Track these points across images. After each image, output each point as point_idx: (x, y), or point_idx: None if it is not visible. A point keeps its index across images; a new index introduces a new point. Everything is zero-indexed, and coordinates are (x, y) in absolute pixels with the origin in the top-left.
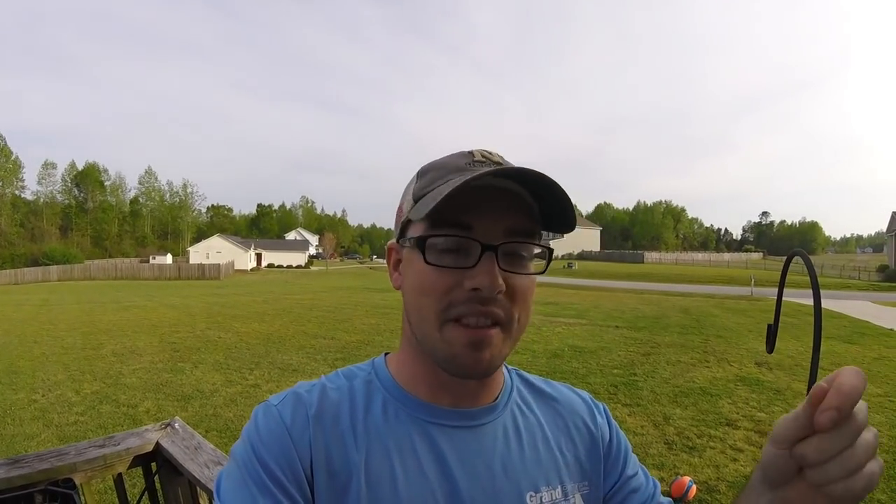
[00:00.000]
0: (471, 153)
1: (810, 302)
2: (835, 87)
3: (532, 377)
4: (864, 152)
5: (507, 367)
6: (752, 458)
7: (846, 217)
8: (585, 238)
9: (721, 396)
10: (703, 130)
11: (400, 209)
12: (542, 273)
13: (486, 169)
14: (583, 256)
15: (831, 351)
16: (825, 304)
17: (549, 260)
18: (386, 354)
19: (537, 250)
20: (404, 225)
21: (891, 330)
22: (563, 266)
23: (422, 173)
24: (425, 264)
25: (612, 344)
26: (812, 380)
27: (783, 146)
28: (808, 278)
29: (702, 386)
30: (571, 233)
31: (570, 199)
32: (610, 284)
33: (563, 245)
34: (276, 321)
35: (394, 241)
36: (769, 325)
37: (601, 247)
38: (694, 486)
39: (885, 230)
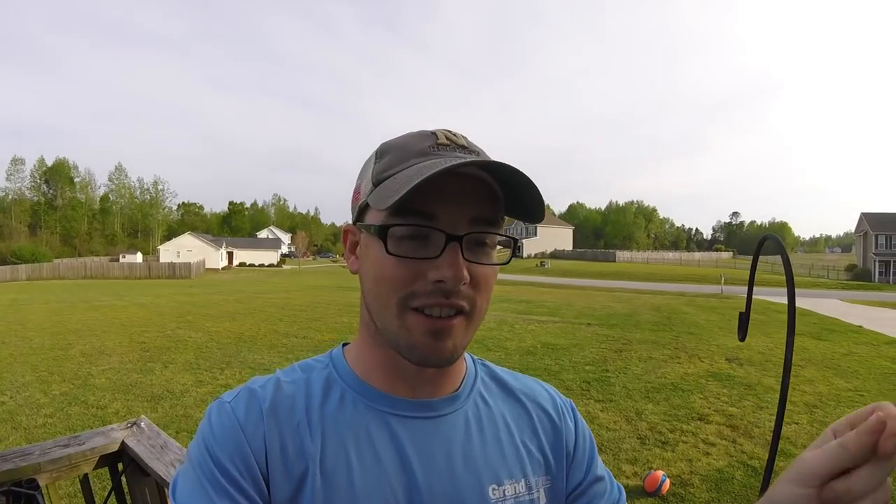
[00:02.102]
0: (433, 134)
1: (781, 300)
2: (805, 89)
3: (497, 368)
4: (834, 154)
5: (471, 357)
6: (725, 451)
7: (815, 218)
8: (558, 237)
9: (693, 392)
10: (675, 132)
11: (357, 191)
12: (505, 264)
13: (454, 162)
14: (556, 255)
15: (802, 347)
16: (796, 301)
17: (514, 249)
18: (344, 345)
19: (501, 239)
20: (362, 208)
21: (859, 327)
22: (537, 265)
23: (381, 153)
24: (386, 254)
25: (585, 341)
26: (787, 367)
27: (754, 148)
28: (780, 277)
29: (673, 381)
30: (545, 232)
31: (536, 187)
32: (582, 283)
33: (536, 244)
34: (247, 320)
35: (350, 223)
36: (741, 313)
37: (574, 246)
38: (667, 481)
39: (853, 231)
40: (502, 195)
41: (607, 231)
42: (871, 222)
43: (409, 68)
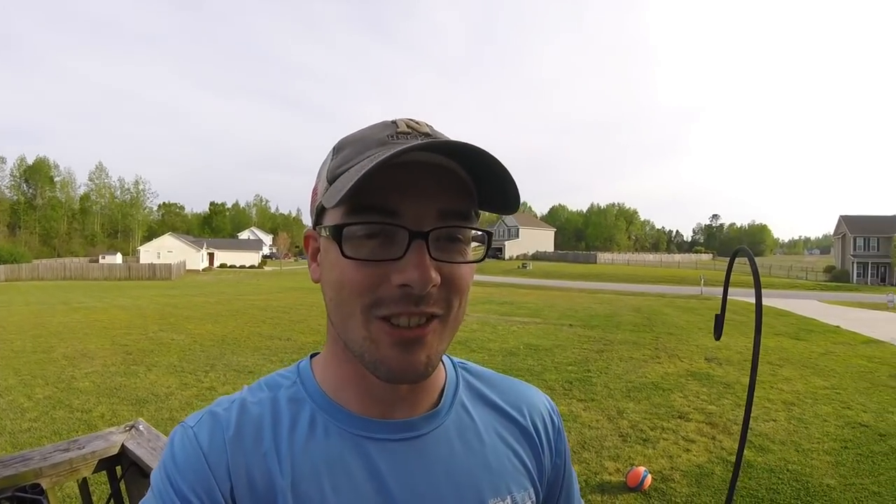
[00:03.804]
0: (394, 123)
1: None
2: (786, 94)
3: (482, 370)
4: (815, 158)
5: (450, 360)
6: (704, 448)
7: (794, 220)
8: (540, 239)
9: (673, 391)
10: (657, 135)
11: (314, 191)
12: (480, 261)
13: (412, 143)
14: (537, 257)
15: (780, 346)
16: (775, 302)
17: (489, 245)
18: (312, 356)
19: (475, 234)
20: (320, 210)
21: (837, 327)
22: (518, 266)
23: (338, 149)
24: (343, 257)
25: (567, 342)
26: (753, 369)
27: (736, 150)
28: (762, 280)
29: (654, 381)
30: (527, 234)
31: (510, 175)
32: (564, 284)
33: (518, 246)
34: (229, 322)
35: (311, 228)
36: (717, 315)
37: (555, 247)
38: (649, 476)
39: (832, 233)
40: (474, 186)
41: (588, 233)
42: (850, 225)
43: (393, 69)
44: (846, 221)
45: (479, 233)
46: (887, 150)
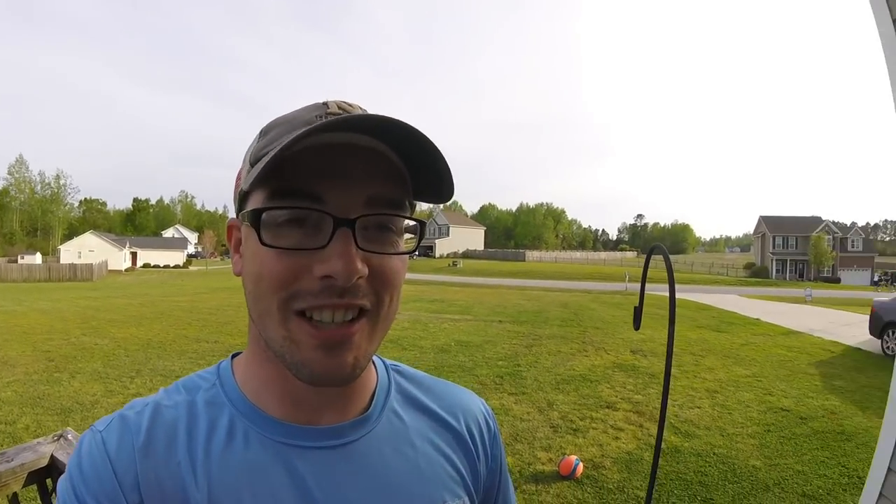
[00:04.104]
0: (325, 104)
1: (681, 296)
2: (709, 100)
3: (416, 373)
4: (735, 161)
5: (382, 363)
6: (633, 435)
7: (716, 220)
8: (470, 237)
9: (600, 382)
10: (586, 137)
11: (238, 176)
12: (412, 253)
13: (336, 118)
14: (468, 255)
15: (702, 338)
16: (698, 297)
17: (422, 236)
18: (234, 356)
19: (408, 224)
20: (242, 196)
21: (757, 319)
22: (449, 265)
23: (265, 131)
24: (261, 245)
25: (497, 338)
26: (668, 360)
27: (660, 153)
28: (683, 275)
29: (582, 373)
30: (458, 233)
31: (443, 157)
32: (493, 282)
33: (448, 244)
34: (154, 325)
35: (234, 217)
36: (635, 308)
37: (485, 246)
38: (581, 464)
39: (752, 232)
40: (407, 174)
41: (518, 231)
42: (769, 224)
43: (330, 64)
44: (766, 221)
45: (412, 223)
46: (804, 154)
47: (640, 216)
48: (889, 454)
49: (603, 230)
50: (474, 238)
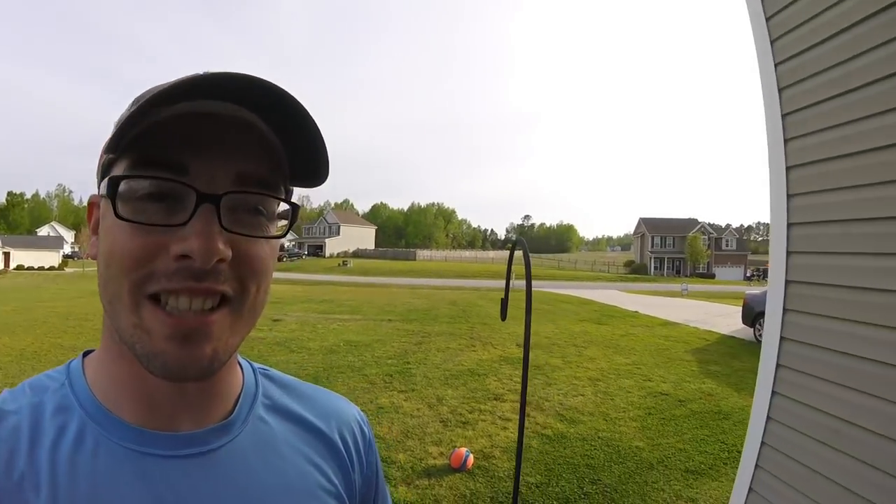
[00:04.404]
0: (202, 75)
1: (565, 291)
2: (594, 106)
3: (287, 379)
4: (619, 165)
5: (250, 366)
6: None
7: (599, 221)
8: (361, 236)
9: (488, 375)
10: (478, 139)
11: (104, 147)
12: (282, 237)
13: (205, 76)
14: (358, 254)
15: (585, 331)
16: (580, 293)
17: (294, 220)
18: (86, 354)
19: (281, 207)
20: (105, 167)
21: (636, 312)
22: (339, 264)
23: (137, 100)
24: (116, 219)
25: (386, 336)
26: (526, 346)
27: (548, 157)
28: (565, 272)
29: (470, 368)
30: (348, 232)
31: (323, 139)
32: (384, 281)
33: (338, 243)
34: (27, 334)
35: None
36: (502, 299)
37: (376, 245)
38: (471, 456)
39: (632, 232)
40: (283, 153)
41: (409, 231)
42: (648, 225)
43: (226, 52)
44: (645, 223)
45: (285, 209)
46: (684, 160)
47: (527, 217)
48: (761, 429)
49: (492, 230)
50: (365, 237)
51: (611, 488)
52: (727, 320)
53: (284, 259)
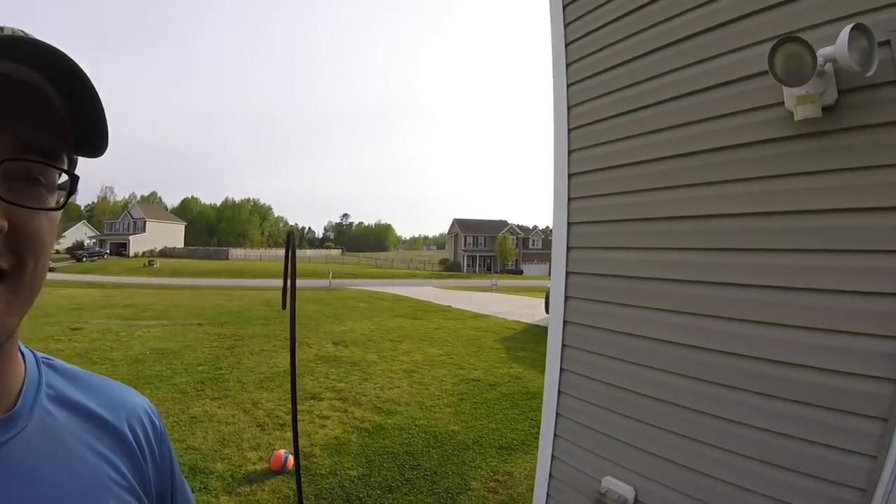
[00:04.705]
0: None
1: (381, 289)
2: (418, 118)
3: (73, 369)
4: (432, 172)
5: (33, 355)
6: (339, 421)
7: (415, 220)
8: (169, 234)
9: (304, 375)
10: (299, 135)
11: None
12: (60, 209)
13: None
14: (166, 254)
15: (400, 326)
16: (396, 290)
17: (73, 192)
18: None
19: (62, 178)
20: None
21: (448, 306)
22: (144, 265)
23: None
24: None
25: (197, 342)
26: (293, 335)
27: (369, 157)
28: (382, 270)
29: (285, 369)
30: (155, 228)
31: (104, 108)
32: (194, 282)
33: (143, 241)
34: None
35: None
36: (282, 289)
37: (186, 243)
38: (290, 457)
39: (447, 232)
40: (69, 123)
41: (222, 228)
42: (462, 226)
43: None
44: (459, 223)
45: (64, 180)
46: (494, 165)
47: (345, 215)
48: (555, 402)
49: (309, 228)
50: (174, 234)
51: (431, 471)
52: (532, 311)
53: (84, 259)
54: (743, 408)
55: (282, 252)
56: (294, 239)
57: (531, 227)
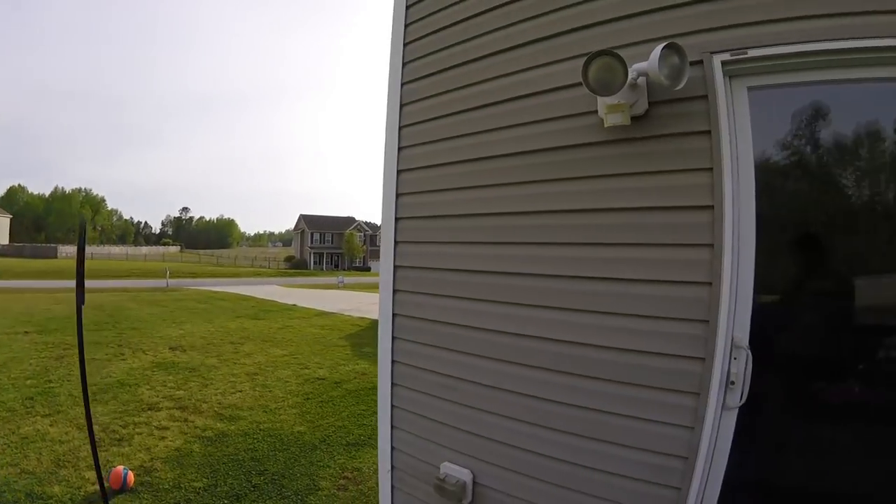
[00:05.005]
0: None
1: (223, 289)
2: (267, 109)
3: None
4: (279, 165)
5: None
6: (179, 431)
7: (261, 216)
8: None
9: (140, 385)
10: (137, 119)
11: None
12: None
13: None
14: None
15: (242, 327)
16: (239, 290)
17: None
18: None
19: None
20: None
21: (293, 305)
22: None
23: None
24: None
25: (23, 353)
26: (79, 329)
27: (210, 148)
28: (224, 269)
29: (120, 379)
30: None
31: None
32: (20, 285)
33: None
34: None
35: None
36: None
37: (11, 239)
38: (130, 473)
39: (293, 228)
40: None
41: (51, 222)
42: (308, 222)
43: None
44: (305, 219)
45: None
46: (341, 161)
47: (185, 209)
48: (389, 394)
49: (146, 223)
50: None
51: (278, 475)
52: (378, 307)
53: None
54: (568, 390)
55: (116, 250)
56: (85, 229)
57: (379, 225)
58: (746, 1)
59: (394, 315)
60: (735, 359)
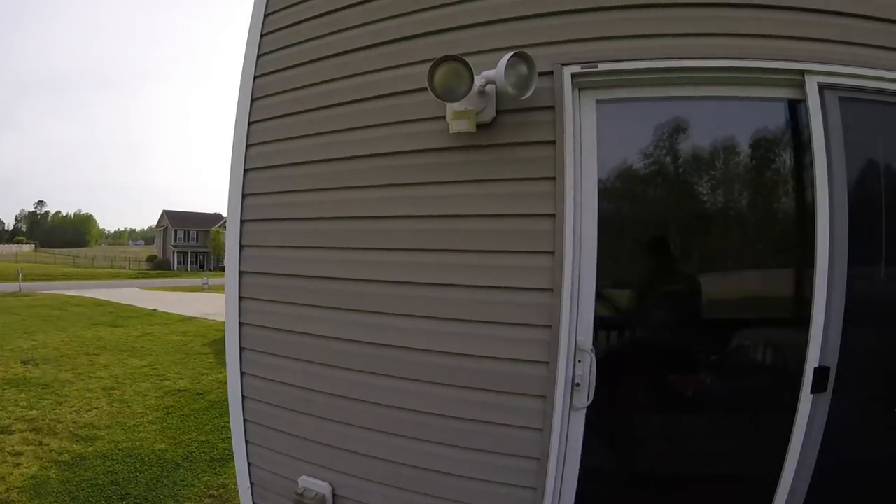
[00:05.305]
0: None
1: (78, 293)
2: (131, 93)
3: None
4: (142, 156)
5: None
6: (34, 456)
7: (122, 212)
8: None
9: None
10: None
11: None
12: None
13: None
14: None
15: (98, 336)
16: (96, 293)
17: None
18: None
19: None
20: None
21: (154, 310)
22: None
23: None
24: None
25: None
26: None
27: (68, 135)
28: (78, 270)
29: None
30: None
31: None
32: None
33: None
34: None
35: None
36: None
37: None
38: None
39: (155, 225)
40: None
41: None
42: (172, 219)
43: None
44: (168, 216)
45: None
46: (208, 154)
47: (41, 203)
48: (240, 408)
49: None
50: None
51: (141, 498)
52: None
53: None
54: (422, 397)
55: None
56: None
57: None
58: (600, 16)
59: (240, 324)
60: (580, 361)
